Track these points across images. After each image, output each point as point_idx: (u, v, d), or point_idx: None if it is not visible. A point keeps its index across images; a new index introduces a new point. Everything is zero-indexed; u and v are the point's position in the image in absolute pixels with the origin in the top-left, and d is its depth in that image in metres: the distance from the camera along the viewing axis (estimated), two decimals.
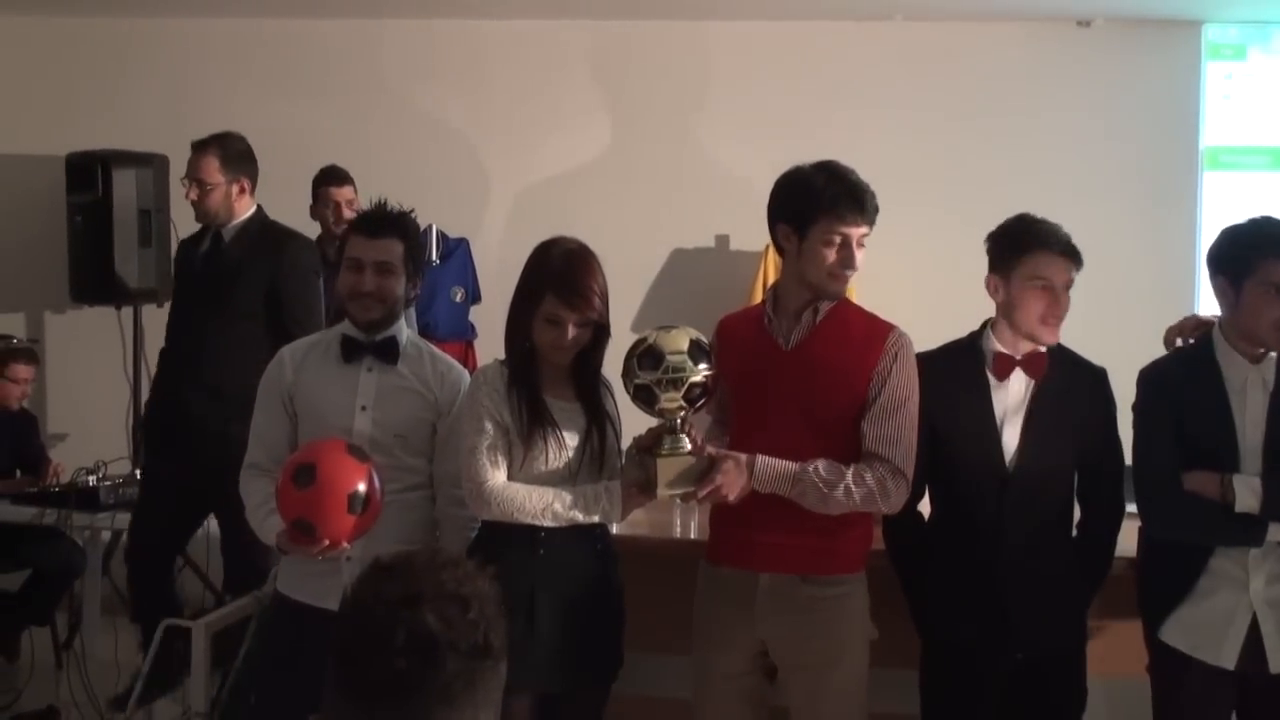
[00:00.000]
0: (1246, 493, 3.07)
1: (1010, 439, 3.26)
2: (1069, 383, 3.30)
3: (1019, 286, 3.24)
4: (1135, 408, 3.32)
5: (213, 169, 4.57)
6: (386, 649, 1.65)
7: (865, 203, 3.07)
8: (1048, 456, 3.26)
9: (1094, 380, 3.35)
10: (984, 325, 3.37)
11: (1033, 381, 3.27)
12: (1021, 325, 3.26)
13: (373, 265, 3.26)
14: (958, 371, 3.29)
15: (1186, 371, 3.26)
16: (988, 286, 3.31)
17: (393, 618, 1.65)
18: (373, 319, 3.28)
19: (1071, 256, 3.23)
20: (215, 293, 4.54)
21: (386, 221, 3.28)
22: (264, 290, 4.54)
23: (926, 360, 3.24)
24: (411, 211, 3.35)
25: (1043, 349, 3.29)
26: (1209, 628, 3.14)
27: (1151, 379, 3.29)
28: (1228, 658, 3.12)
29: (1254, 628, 3.11)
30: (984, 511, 3.25)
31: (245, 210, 4.65)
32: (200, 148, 4.61)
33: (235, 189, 4.59)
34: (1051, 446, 3.26)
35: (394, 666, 1.64)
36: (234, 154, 4.62)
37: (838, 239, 3.06)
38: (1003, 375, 3.28)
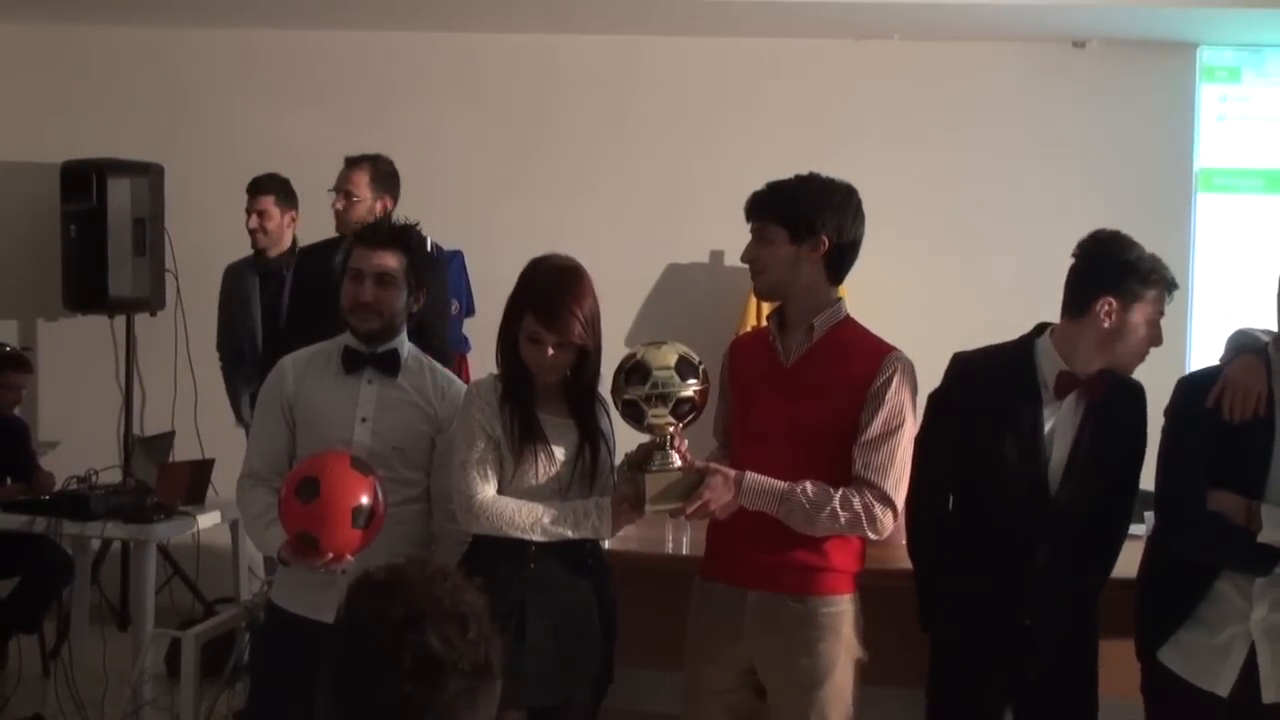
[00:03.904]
0: (1273, 525, 2.99)
1: (1057, 461, 3.19)
2: (1115, 400, 3.22)
3: (1140, 318, 3.15)
4: (1169, 413, 3.22)
5: (363, 184, 4.80)
6: (392, 672, 1.65)
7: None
8: (1092, 479, 3.20)
9: (1135, 398, 3.27)
10: (1036, 334, 3.28)
11: (1084, 401, 3.21)
12: (1122, 353, 3.17)
13: (373, 276, 3.26)
14: (1007, 381, 3.21)
15: None
16: (1097, 307, 3.14)
17: (397, 640, 1.65)
18: (371, 330, 3.28)
19: (1171, 292, 3.21)
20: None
21: (389, 233, 3.29)
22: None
23: (970, 363, 3.20)
24: (416, 225, 3.35)
25: (1095, 370, 3.21)
26: (1207, 654, 3.11)
27: (1195, 387, 3.18)
28: (1223, 685, 3.09)
29: (1251, 656, 3.07)
30: (1018, 530, 3.19)
31: None
32: (353, 163, 4.85)
33: (379, 206, 4.79)
34: (1094, 470, 3.20)
35: (400, 689, 1.65)
36: (383, 173, 4.86)
37: None
38: (1063, 394, 3.20)
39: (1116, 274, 3.16)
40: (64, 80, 6.62)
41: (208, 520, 5.25)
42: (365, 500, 2.99)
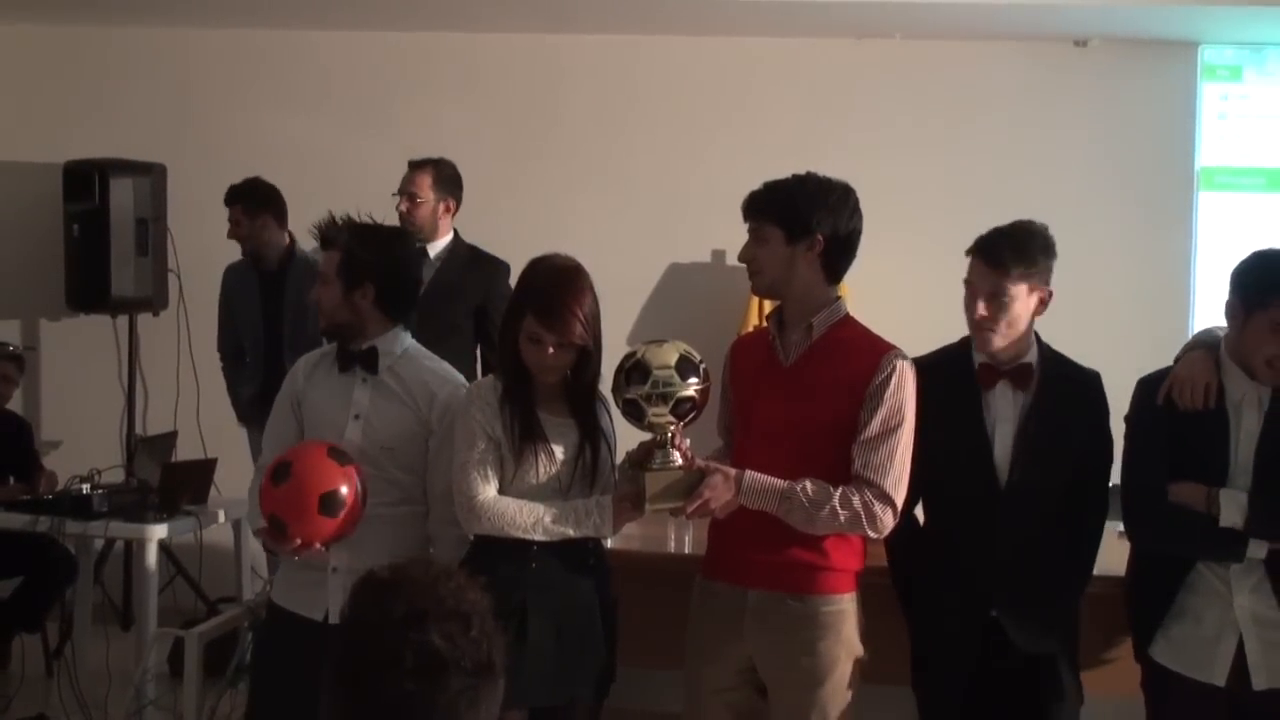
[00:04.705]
0: (1232, 508, 3.05)
1: (1002, 452, 3.25)
2: (1062, 394, 3.28)
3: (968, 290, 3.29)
4: (1129, 415, 3.29)
5: (425, 185, 4.95)
6: (395, 670, 1.66)
7: None
8: (1041, 470, 3.24)
9: (1087, 387, 3.33)
10: None
11: (1021, 391, 3.26)
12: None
13: (319, 277, 3.34)
14: (947, 379, 3.26)
15: None
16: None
17: (400, 638, 1.67)
18: (322, 327, 3.35)
19: (991, 260, 3.24)
20: (426, 310, 4.59)
21: (320, 233, 3.33)
22: (474, 309, 4.90)
23: (918, 365, 3.23)
24: (361, 214, 3.36)
25: (1029, 360, 3.28)
26: (1198, 646, 3.14)
27: (1150, 385, 3.25)
28: (1219, 675, 3.12)
29: (1241, 644, 3.11)
30: (975, 523, 3.24)
31: (446, 233, 5.01)
32: (416, 165, 5.00)
33: (441, 207, 4.98)
34: (1046, 460, 3.24)
35: (403, 687, 1.66)
36: (446, 176, 5.02)
37: None
38: (988, 385, 3.27)
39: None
40: (67, 80, 6.63)
41: (210, 520, 5.26)
42: (338, 489, 3.00)
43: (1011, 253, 3.22)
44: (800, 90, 6.33)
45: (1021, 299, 3.22)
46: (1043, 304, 3.27)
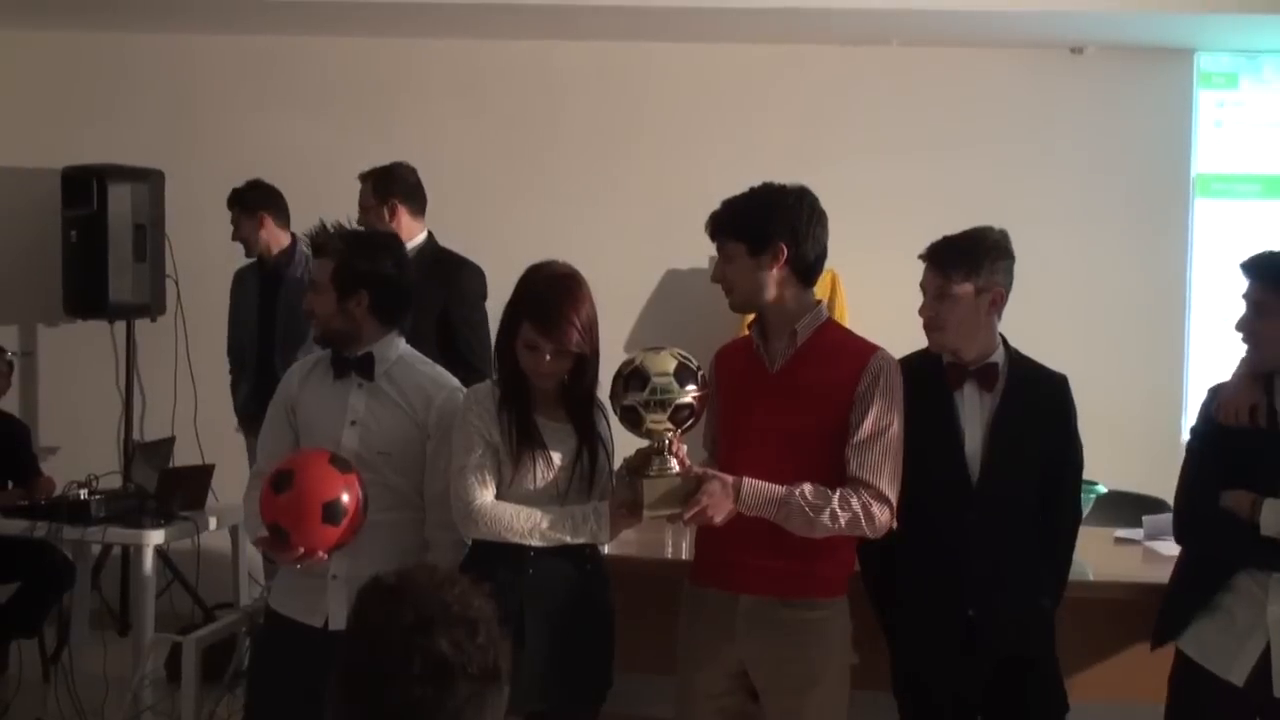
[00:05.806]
0: (1273, 518, 3.10)
1: (972, 452, 3.29)
2: (1028, 396, 3.33)
3: None
4: (1196, 423, 3.39)
5: (367, 194, 4.93)
6: (403, 676, 1.67)
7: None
8: (1010, 471, 3.28)
9: (1053, 390, 3.38)
10: None
11: (989, 394, 3.31)
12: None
13: (311, 285, 3.33)
14: (918, 381, 3.29)
15: None
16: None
17: (407, 644, 1.67)
18: (317, 335, 3.35)
19: (935, 263, 3.33)
20: None
21: (313, 242, 3.33)
22: (435, 315, 4.68)
23: (903, 364, 3.25)
24: (349, 222, 3.36)
25: (995, 361, 3.33)
26: (1224, 642, 3.20)
27: (1215, 394, 3.33)
28: (1238, 674, 3.16)
29: (1268, 650, 3.14)
30: (949, 523, 3.27)
31: (410, 236, 4.84)
32: (361, 178, 5.01)
33: (386, 212, 4.87)
34: (1014, 461, 3.29)
35: (411, 693, 1.67)
36: (383, 181, 4.96)
37: None
38: (954, 385, 3.33)
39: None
40: (65, 86, 6.63)
41: (207, 525, 5.26)
42: (341, 497, 2.99)
43: (952, 256, 3.32)
44: (797, 97, 6.34)
45: (968, 300, 3.29)
46: (995, 305, 3.33)
